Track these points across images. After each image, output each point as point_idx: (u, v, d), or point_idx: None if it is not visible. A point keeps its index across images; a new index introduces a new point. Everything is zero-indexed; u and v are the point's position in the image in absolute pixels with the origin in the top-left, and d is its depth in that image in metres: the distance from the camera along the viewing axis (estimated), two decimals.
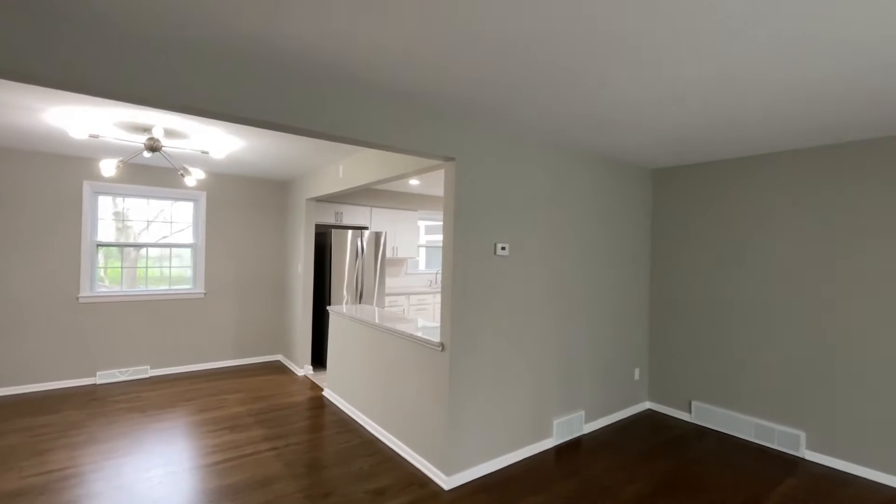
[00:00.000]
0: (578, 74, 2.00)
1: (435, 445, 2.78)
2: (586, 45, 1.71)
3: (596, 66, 1.91)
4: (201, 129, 3.16)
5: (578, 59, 1.84)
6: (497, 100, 2.37)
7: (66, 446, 3.08)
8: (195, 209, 5.08)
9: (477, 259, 2.81)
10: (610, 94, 2.24)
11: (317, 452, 3.09)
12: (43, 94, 2.53)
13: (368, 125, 2.30)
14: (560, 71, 1.96)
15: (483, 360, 2.86)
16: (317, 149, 3.68)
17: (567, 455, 3.14)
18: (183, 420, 3.58)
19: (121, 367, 4.60)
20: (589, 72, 1.96)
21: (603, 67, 1.91)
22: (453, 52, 1.81)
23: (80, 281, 4.38)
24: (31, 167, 4.14)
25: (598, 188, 3.61)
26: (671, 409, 3.99)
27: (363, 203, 5.98)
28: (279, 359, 5.55)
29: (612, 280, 3.75)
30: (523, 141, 3.06)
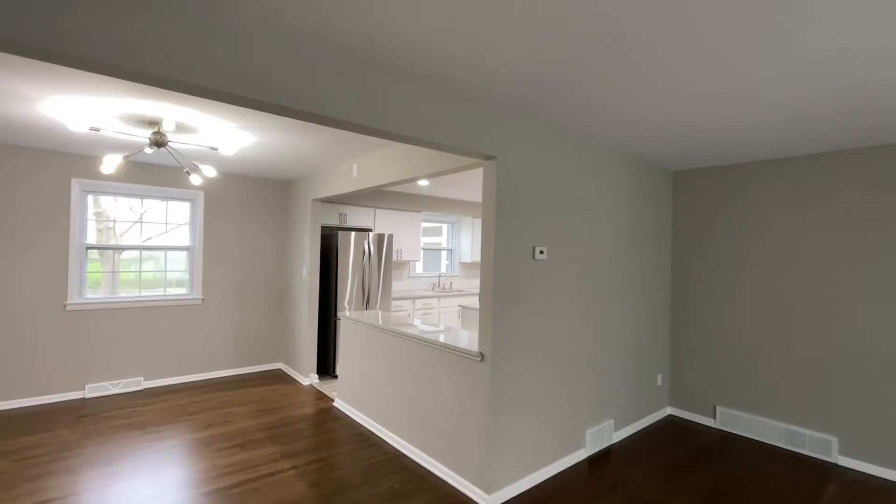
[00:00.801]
0: (632, 73, 1.88)
1: (473, 462, 2.61)
2: (648, 41, 1.59)
3: (654, 64, 1.79)
4: (213, 123, 2.93)
5: (635, 57, 1.72)
6: (546, 98, 2.24)
7: (60, 471, 2.79)
8: (192, 210, 4.79)
9: (516, 264, 2.67)
10: (665, 93, 2.13)
11: (341, 470, 2.88)
12: (44, 81, 2.27)
13: (414, 120, 2.13)
14: (613, 70, 1.84)
15: (522, 370, 2.72)
16: (333, 145, 3.47)
17: (601, 467, 3.03)
18: (188, 437, 3.32)
19: (112, 380, 4.28)
20: (643, 70, 1.85)
21: (664, 63, 1.80)
22: (516, 49, 1.67)
23: (67, 287, 4.04)
24: (13, 163, 3.80)
25: (625, 190, 3.52)
26: (694, 414, 3.93)
27: (367, 204, 5.77)
28: (280, 367, 5.29)
29: (636, 283, 3.66)
30: (560, 140, 2.94)
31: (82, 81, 2.27)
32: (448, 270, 7.23)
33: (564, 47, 1.72)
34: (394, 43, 1.75)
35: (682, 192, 4.06)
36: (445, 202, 6.75)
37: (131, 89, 2.35)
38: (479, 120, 2.43)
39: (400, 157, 3.40)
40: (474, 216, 7.08)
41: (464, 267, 7.35)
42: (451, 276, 7.17)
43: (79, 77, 2.22)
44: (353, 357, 3.86)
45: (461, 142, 2.33)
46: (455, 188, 5.70)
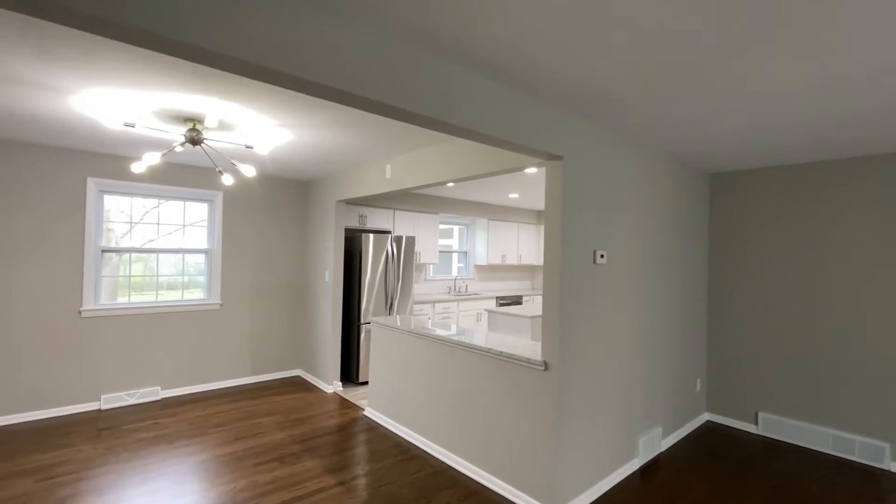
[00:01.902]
0: (708, 78, 1.79)
1: (536, 476, 2.50)
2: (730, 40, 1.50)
3: (732, 68, 1.71)
4: (255, 120, 2.77)
5: (720, 56, 1.63)
6: (612, 102, 2.14)
7: (91, 491, 2.60)
8: (210, 211, 4.60)
9: (578, 268, 2.56)
10: (740, 92, 2.05)
11: (390, 486, 2.74)
12: (81, 73, 2.10)
13: (493, 118, 2.01)
14: (687, 75, 1.75)
15: (584, 378, 2.61)
16: (369, 144, 3.33)
17: (655, 477, 2.93)
18: (220, 451, 3.14)
19: (128, 390, 4.06)
20: (719, 75, 1.76)
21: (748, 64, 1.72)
22: (600, 46, 1.56)
23: (82, 292, 3.83)
24: (26, 161, 3.58)
25: (667, 193, 3.44)
26: (734, 420, 3.87)
27: (387, 206, 5.62)
28: (299, 374, 5.11)
29: (676, 286, 3.58)
30: (615, 143, 2.85)
31: (126, 74, 2.10)
32: (461, 273, 7.11)
33: (644, 58, 1.62)
34: (483, 43, 1.63)
35: (719, 195, 4.00)
36: (463, 204, 6.64)
37: (179, 82, 2.20)
38: (549, 119, 2.32)
39: (438, 158, 3.28)
40: (490, 218, 6.98)
41: (478, 270, 7.24)
42: (466, 279, 7.05)
43: (123, 69, 2.05)
44: (386, 364, 3.71)
45: (532, 140, 2.22)
46: (474, 190, 5.59)
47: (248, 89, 2.28)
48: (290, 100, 2.42)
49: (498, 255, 7.05)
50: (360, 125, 2.86)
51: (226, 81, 2.18)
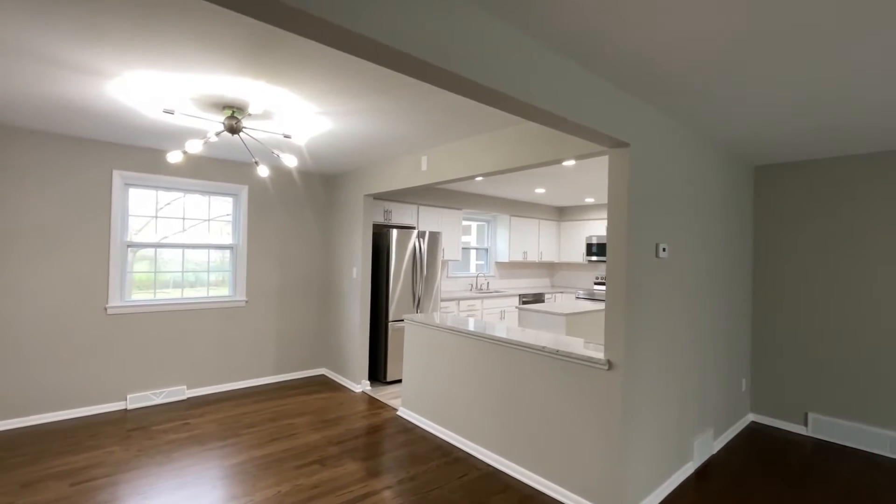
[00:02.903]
0: (786, 62, 1.66)
1: (598, 480, 2.37)
2: None
3: (811, 52, 1.57)
4: (298, 107, 2.65)
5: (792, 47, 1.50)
6: (682, 88, 2.01)
7: (129, 496, 2.48)
8: (235, 205, 4.47)
9: (641, 262, 2.43)
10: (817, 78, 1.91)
11: (440, 490, 2.62)
12: (127, 53, 1.98)
13: (567, 99, 1.88)
14: (767, 59, 1.62)
15: (647, 378, 2.48)
16: (408, 133, 3.20)
17: (713, 480, 2.81)
18: (257, 453, 3.02)
19: (154, 389, 3.94)
20: (797, 58, 1.63)
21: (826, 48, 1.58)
22: (676, 43, 1.43)
23: (108, 289, 3.71)
24: (51, 152, 3.46)
25: (719, 183, 3.31)
26: (780, 421, 3.74)
27: (411, 201, 5.50)
28: (324, 373, 4.99)
29: (724, 282, 3.45)
30: (678, 131, 2.71)
31: (175, 54, 1.98)
32: (481, 270, 6.99)
33: (724, 39, 1.48)
34: (562, 17, 1.50)
35: (765, 188, 3.87)
36: (486, 199, 6.51)
37: (228, 65, 2.07)
38: (620, 104, 2.20)
39: (478, 148, 3.15)
40: (512, 214, 6.84)
41: (499, 267, 7.11)
42: (488, 276, 6.92)
43: (173, 48, 1.93)
44: (422, 363, 3.59)
45: (605, 125, 2.09)
46: (500, 185, 5.46)
47: (297, 73, 2.15)
48: (337, 85, 2.29)
49: (519, 252, 6.92)
50: (402, 113, 2.73)
51: (275, 64, 2.06)
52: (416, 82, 2.24)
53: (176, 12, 1.65)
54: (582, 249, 7.21)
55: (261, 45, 1.89)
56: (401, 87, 2.32)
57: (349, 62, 2.03)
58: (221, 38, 1.83)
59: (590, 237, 7.00)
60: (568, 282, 7.79)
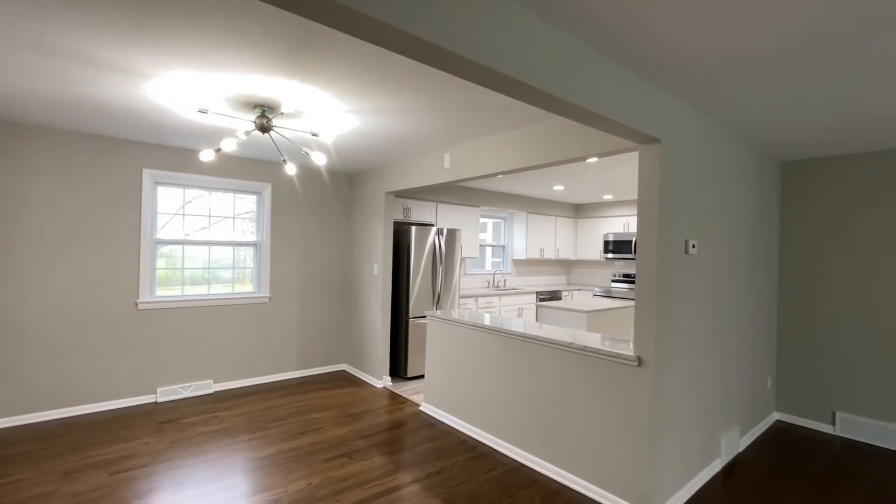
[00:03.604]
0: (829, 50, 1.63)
1: (628, 476, 2.38)
2: None
3: None
4: (328, 105, 2.68)
5: None
6: (713, 81, 1.99)
7: (166, 486, 2.55)
8: (258, 203, 4.54)
9: (671, 258, 2.43)
10: None
11: (468, 484, 2.65)
12: (167, 53, 2.02)
13: (593, 90, 1.88)
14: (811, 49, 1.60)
15: (677, 374, 2.48)
16: (432, 131, 3.22)
17: (741, 479, 2.79)
18: (286, 446, 3.08)
19: (183, 383, 4.04)
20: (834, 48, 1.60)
21: None
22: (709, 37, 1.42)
23: (139, 284, 3.80)
24: (87, 152, 3.55)
25: (746, 179, 3.27)
26: (806, 420, 3.69)
27: (430, 198, 5.52)
28: (344, 368, 5.05)
29: (751, 279, 3.41)
30: (707, 125, 2.69)
31: (214, 54, 2.02)
32: (498, 268, 6.99)
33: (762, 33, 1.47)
34: (607, 22, 1.50)
35: (792, 184, 3.81)
36: (503, 197, 6.50)
37: (263, 64, 2.11)
38: (651, 99, 2.19)
39: (502, 146, 3.16)
40: (529, 211, 6.83)
41: (516, 264, 7.11)
42: (504, 273, 6.93)
43: (212, 49, 1.97)
44: (445, 359, 3.62)
45: (636, 121, 2.09)
46: (519, 182, 5.46)
47: (328, 71, 2.18)
48: (366, 83, 2.32)
49: (536, 250, 6.91)
50: (429, 110, 2.75)
51: (308, 62, 2.09)
52: (446, 80, 2.26)
53: (218, 13, 1.69)
54: (599, 247, 7.17)
55: (296, 44, 1.92)
56: (430, 85, 2.34)
57: (380, 60, 2.06)
58: (258, 37, 1.86)
59: (607, 234, 6.96)
60: (584, 279, 7.75)
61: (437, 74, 2.20)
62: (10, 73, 2.32)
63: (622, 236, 6.77)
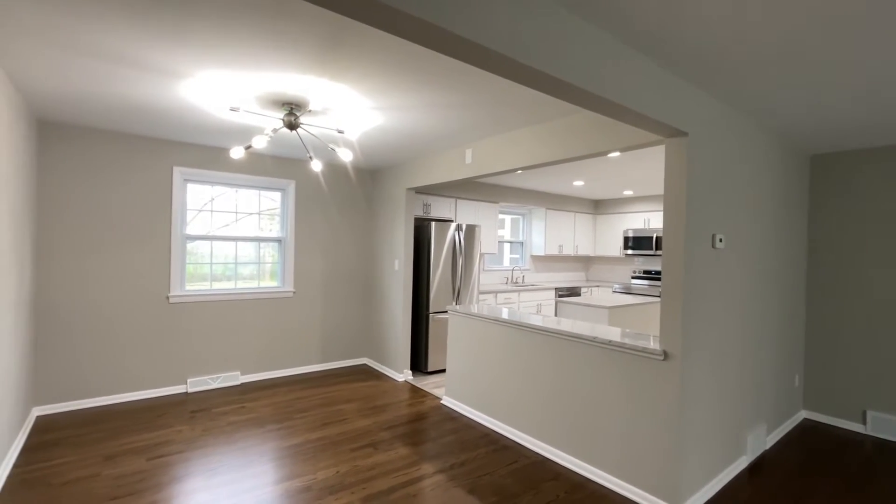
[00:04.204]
0: None
1: (653, 470, 2.38)
2: None
3: None
4: (354, 102, 2.73)
5: None
6: (742, 71, 1.97)
7: (201, 472, 2.65)
8: (283, 199, 4.64)
9: (697, 252, 2.41)
10: None
11: (491, 476, 2.68)
12: (203, 53, 2.10)
13: (617, 82, 1.88)
14: None
15: (703, 368, 2.47)
16: (454, 127, 3.25)
17: (768, 477, 2.76)
18: (312, 436, 3.16)
19: (211, 374, 4.17)
20: None
21: None
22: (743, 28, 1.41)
23: (170, 279, 3.93)
24: (121, 151, 3.69)
25: (774, 173, 3.21)
26: (835, 418, 3.62)
27: (449, 195, 5.56)
28: (365, 362, 5.14)
29: (778, 275, 3.36)
30: (734, 118, 2.66)
31: (248, 52, 2.09)
32: (516, 264, 6.99)
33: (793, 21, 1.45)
34: (633, 14, 1.51)
35: (821, 178, 3.73)
36: (523, 192, 6.50)
37: (296, 62, 2.17)
38: (678, 92, 2.18)
39: (524, 140, 3.17)
40: (548, 207, 6.81)
41: (534, 261, 7.09)
42: (523, 269, 6.93)
43: (247, 47, 2.03)
44: (466, 354, 3.65)
45: (663, 114, 2.08)
46: (538, 177, 5.45)
47: (358, 68, 2.23)
48: (394, 80, 2.36)
49: (555, 246, 6.89)
50: (453, 107, 2.78)
51: (339, 61, 2.14)
52: (471, 76, 2.29)
53: (256, 12, 1.75)
54: (619, 243, 7.11)
55: (329, 42, 1.97)
56: (456, 81, 2.37)
57: (409, 57, 2.09)
58: (296, 35, 1.92)
59: (627, 230, 6.89)
60: (603, 276, 7.69)
61: (462, 71, 2.23)
62: (59, 76, 2.43)
63: (642, 232, 6.70)
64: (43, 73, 2.41)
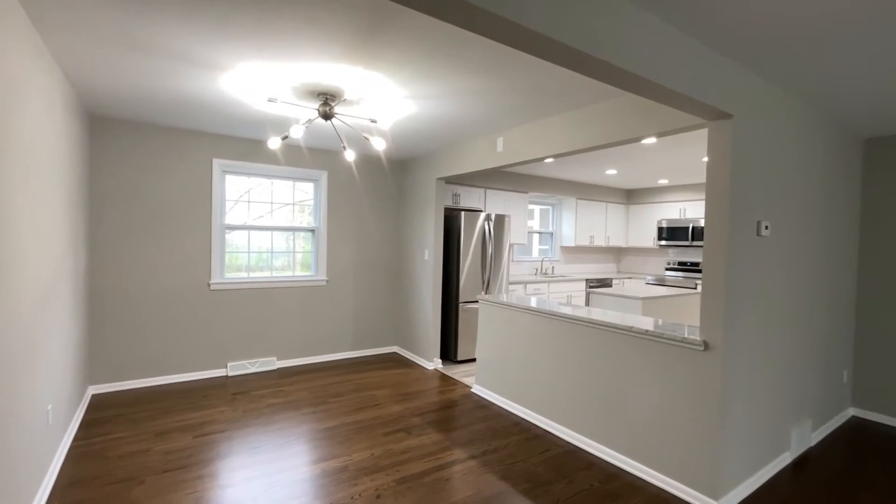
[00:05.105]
0: None
1: (692, 462, 2.33)
2: None
3: None
4: (384, 91, 2.75)
5: None
6: (792, 49, 1.86)
7: (244, 451, 2.77)
8: (315, 190, 4.74)
9: (742, 239, 2.32)
10: None
11: (524, 463, 2.69)
12: (243, 45, 2.15)
13: (658, 61, 1.82)
14: None
15: (746, 359, 2.39)
16: (485, 115, 3.23)
17: (813, 474, 2.65)
18: (347, 419, 3.25)
19: (250, 359, 4.33)
20: None
21: None
22: None
23: (211, 266, 4.10)
24: (164, 144, 3.84)
25: (824, 158, 3.04)
26: (886, 416, 3.43)
27: (478, 185, 5.54)
28: (396, 350, 5.22)
29: (827, 266, 3.19)
30: (782, 99, 2.53)
31: (286, 43, 2.13)
32: (545, 255, 6.91)
33: None
34: None
35: (875, 163, 3.51)
36: (553, 182, 6.40)
37: (331, 52, 2.20)
38: (723, 73, 2.09)
39: (558, 128, 3.12)
40: (578, 197, 6.69)
41: (564, 252, 7.00)
42: (552, 260, 6.85)
43: (285, 38, 2.07)
44: (497, 342, 3.66)
45: (707, 96, 2.01)
46: (569, 166, 5.35)
47: (392, 56, 2.24)
48: (428, 67, 2.36)
49: (586, 236, 6.77)
50: (487, 94, 2.76)
51: (374, 49, 2.15)
52: (505, 62, 2.26)
53: (295, 3, 1.78)
54: (652, 234, 6.92)
55: (364, 31, 1.99)
56: (489, 68, 2.35)
57: (443, 42, 2.09)
58: (335, 26, 1.94)
59: (661, 221, 6.70)
60: (636, 267, 7.52)
61: (495, 57, 2.21)
62: (110, 72, 2.55)
63: (677, 223, 6.49)
64: (96, 70, 2.53)
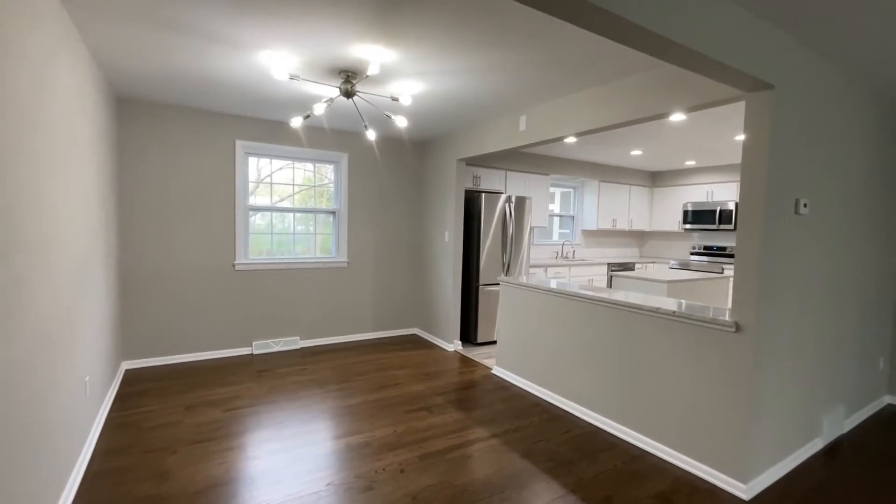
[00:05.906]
0: None
1: (719, 445, 2.29)
2: None
3: None
4: (403, 68, 2.71)
5: None
6: (838, 9, 1.73)
7: (270, 425, 2.84)
8: (336, 172, 4.75)
9: (778, 217, 2.23)
10: None
11: (546, 443, 2.69)
12: (269, 23, 2.13)
13: (697, 26, 1.73)
14: None
15: (778, 342, 2.31)
16: (511, 90, 3.15)
17: (844, 462, 2.58)
18: (370, 397, 3.30)
19: (274, 338, 4.43)
20: None
21: None
22: None
23: (235, 247, 4.17)
24: (189, 126, 3.89)
25: (871, 134, 2.88)
26: None
27: (499, 166, 5.46)
28: (416, 332, 5.25)
29: (872, 247, 3.05)
30: (827, 69, 2.39)
31: (312, 20, 2.10)
32: (566, 238, 6.82)
33: None
34: None
35: None
36: (574, 164, 6.27)
37: (353, 29, 2.16)
38: (765, 40, 1.98)
39: (582, 104, 3.03)
40: (601, 179, 6.54)
41: (585, 235, 6.89)
42: (574, 244, 6.75)
43: (311, 15, 2.05)
44: (518, 324, 3.64)
45: (749, 65, 1.91)
46: (592, 147, 5.22)
47: (414, 32, 2.19)
48: (450, 41, 2.30)
49: (608, 220, 6.64)
50: (510, 69, 2.69)
51: (395, 26, 2.11)
52: (527, 35, 2.19)
53: None
54: (677, 217, 6.74)
55: (387, 6, 1.94)
56: (511, 42, 2.28)
57: (468, 17, 2.03)
58: (357, 2, 1.90)
59: (686, 204, 6.51)
60: (659, 252, 7.35)
61: (520, 27, 2.14)
62: (137, 52, 2.57)
63: (704, 206, 6.30)
64: (123, 50, 2.55)
